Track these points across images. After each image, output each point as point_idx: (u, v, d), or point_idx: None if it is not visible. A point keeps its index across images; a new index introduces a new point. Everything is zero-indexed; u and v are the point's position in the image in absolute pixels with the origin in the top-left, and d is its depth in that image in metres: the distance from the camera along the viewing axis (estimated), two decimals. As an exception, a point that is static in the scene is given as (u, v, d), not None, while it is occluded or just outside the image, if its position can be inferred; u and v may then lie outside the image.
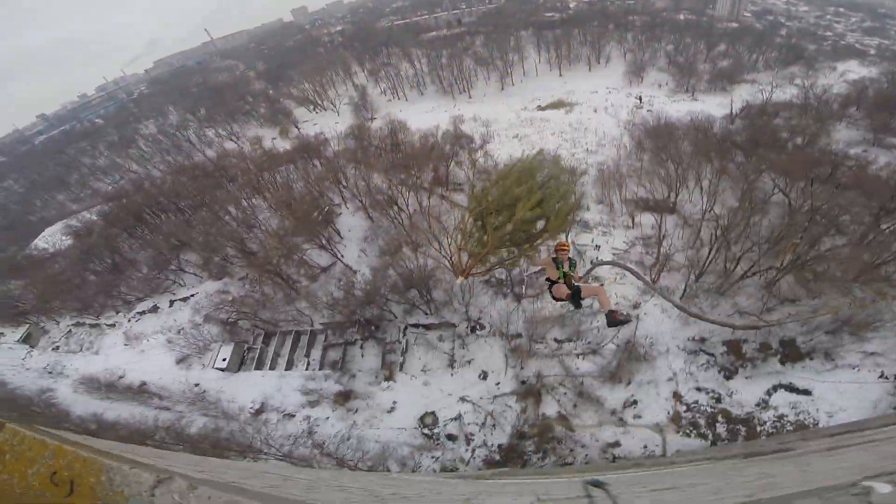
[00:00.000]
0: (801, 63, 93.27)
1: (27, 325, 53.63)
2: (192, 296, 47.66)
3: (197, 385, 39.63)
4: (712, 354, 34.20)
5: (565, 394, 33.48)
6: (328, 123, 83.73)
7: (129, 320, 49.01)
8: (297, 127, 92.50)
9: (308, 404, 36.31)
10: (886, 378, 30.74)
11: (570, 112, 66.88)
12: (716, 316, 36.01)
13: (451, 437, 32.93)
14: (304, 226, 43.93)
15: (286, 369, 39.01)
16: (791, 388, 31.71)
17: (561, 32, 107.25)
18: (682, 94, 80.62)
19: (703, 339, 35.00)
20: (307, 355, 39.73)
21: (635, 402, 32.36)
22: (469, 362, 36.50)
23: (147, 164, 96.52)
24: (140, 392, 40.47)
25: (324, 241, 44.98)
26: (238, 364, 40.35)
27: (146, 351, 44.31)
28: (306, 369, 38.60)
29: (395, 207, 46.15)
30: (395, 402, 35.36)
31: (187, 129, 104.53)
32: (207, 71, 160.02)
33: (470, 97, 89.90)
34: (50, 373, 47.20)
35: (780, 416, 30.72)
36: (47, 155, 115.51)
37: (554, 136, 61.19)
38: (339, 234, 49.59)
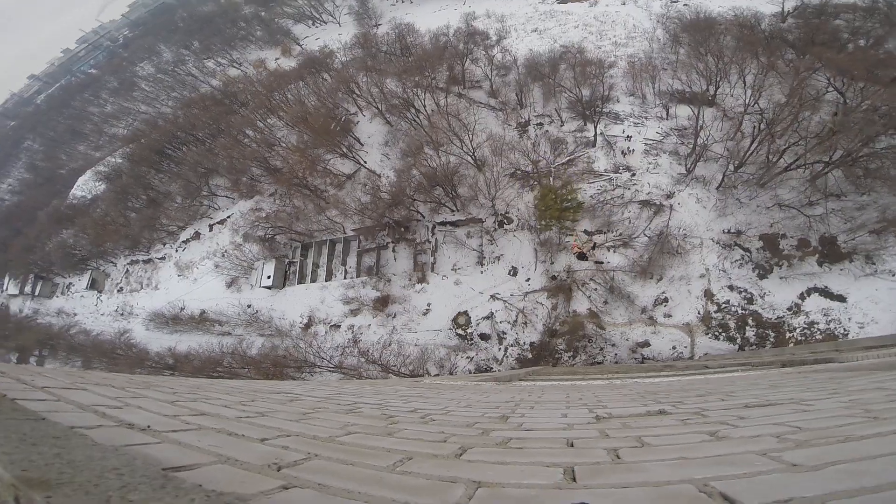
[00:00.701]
0: None
1: (89, 271, 57.02)
2: (228, 217, 49.49)
3: (249, 306, 41.87)
4: (748, 250, 32.91)
5: (596, 289, 33.21)
6: (331, 36, 78.74)
7: (177, 250, 51.73)
8: (298, 44, 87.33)
9: (350, 313, 37.75)
10: None
11: (595, 5, 59.87)
12: (754, 206, 34.51)
13: (483, 337, 33.65)
14: (323, 137, 43.44)
15: (326, 280, 40.25)
16: (826, 293, 30.47)
17: None
18: (726, -14, 70.33)
19: (739, 233, 33.54)
20: (343, 263, 40.72)
21: (666, 301, 31.95)
22: (498, 258, 36.25)
23: (155, 104, 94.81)
24: (202, 321, 43.51)
25: (345, 150, 44.69)
26: (282, 280, 41.94)
27: (198, 279, 47.00)
28: (345, 278, 39.68)
29: (413, 110, 44.54)
30: (429, 304, 36.06)
31: (185, 63, 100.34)
32: (190, 4, 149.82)
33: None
34: (122, 314, 51.15)
35: (811, 324, 29.91)
36: (54, 111, 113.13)
37: (577, 30, 55.57)
38: (359, 141, 48.80)
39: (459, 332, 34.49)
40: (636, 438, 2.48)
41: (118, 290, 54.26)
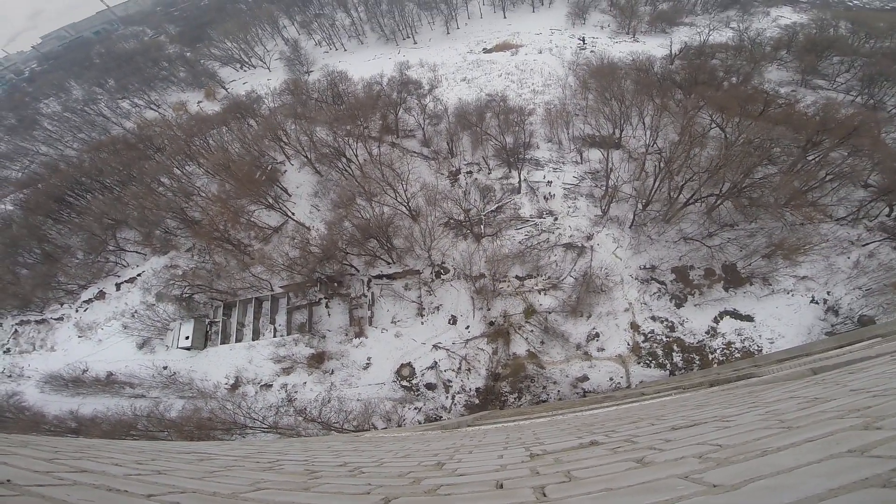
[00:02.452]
0: (737, 7, 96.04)
1: (-32, 332, 48.32)
2: (139, 275, 44.93)
3: (166, 368, 38.44)
4: (663, 283, 36.18)
5: (532, 331, 34.45)
6: (260, 81, 77.53)
7: (77, 310, 45.64)
8: (224, 87, 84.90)
9: (282, 372, 35.77)
10: (816, 302, 33.85)
11: (516, 54, 65.45)
12: (663, 242, 38.12)
13: (429, 387, 33.40)
14: (247, 187, 41.50)
15: (253, 339, 38.12)
16: (736, 315, 34.15)
17: None
18: (624, 36, 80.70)
19: (653, 268, 36.85)
20: (272, 322, 38.67)
21: (598, 336, 33.88)
22: (437, 308, 36.65)
23: (57, 145, 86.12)
24: (109, 383, 38.88)
25: (271, 201, 42.95)
26: (203, 340, 39.02)
27: (103, 340, 42.13)
28: (274, 336, 37.77)
29: (344, 159, 44.24)
30: (369, 358, 35.23)
31: (97, 102, 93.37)
32: (110, 40, 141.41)
33: (415, 43, 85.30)
34: (10, 376, 44.07)
35: (729, 344, 33.05)
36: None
37: (501, 78, 59.90)
38: (286, 191, 47.30)
39: (404, 383, 33.93)
40: (565, 473, 2.52)
41: (4, 352, 47.08)
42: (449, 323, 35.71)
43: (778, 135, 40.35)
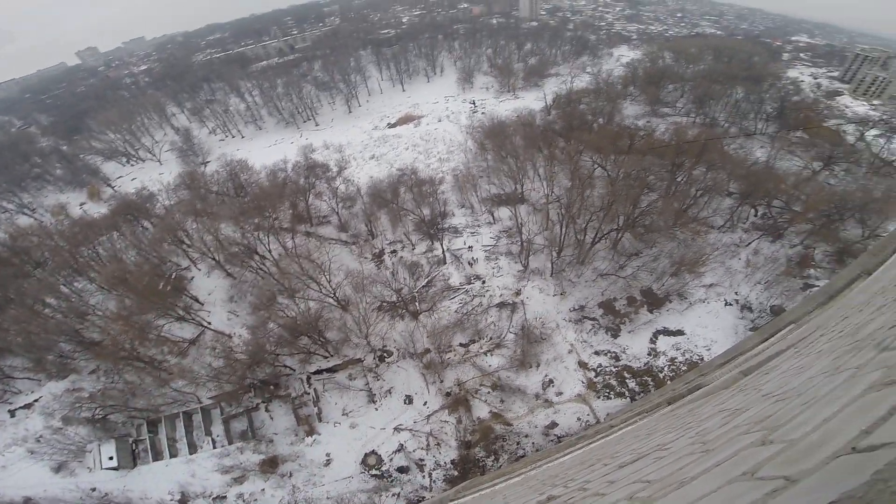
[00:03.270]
0: (588, 52, 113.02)
1: None
2: (36, 401, 39.18)
3: (94, 489, 34.42)
4: (594, 319, 38.36)
5: (489, 392, 34.36)
6: (151, 175, 72.19)
7: None
8: (110, 185, 77.33)
9: (234, 482, 32.69)
10: (730, 304, 38.07)
11: (419, 125, 69.25)
12: (583, 283, 40.92)
13: (402, 470, 31.81)
14: (150, 300, 37.76)
15: (190, 453, 34.92)
16: (668, 332, 36.95)
17: (398, 48, 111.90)
18: (506, 94, 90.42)
19: (582, 307, 39.09)
20: (208, 433, 35.50)
21: (552, 381, 34.52)
22: (389, 391, 35.40)
23: None
24: None
25: (181, 312, 39.22)
26: (131, 459, 35.56)
27: (7, 466, 36.46)
28: (214, 448, 34.80)
29: (257, 256, 41.66)
30: (328, 454, 32.98)
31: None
32: None
33: (317, 125, 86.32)
34: None
35: (672, 360, 35.28)
36: None
37: (408, 151, 62.44)
38: (196, 300, 43.16)
39: (374, 472, 31.87)
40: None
41: None
42: (405, 403, 34.72)
43: (648, 164, 46.36)
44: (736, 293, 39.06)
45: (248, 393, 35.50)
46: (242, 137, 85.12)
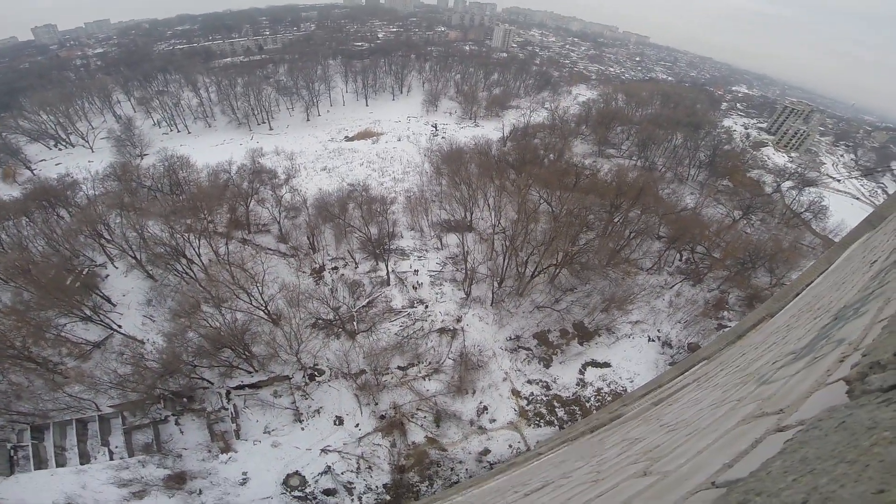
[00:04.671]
0: (549, 88, 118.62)
1: None
2: None
3: None
4: (529, 349, 39.32)
5: (425, 417, 33.92)
6: (79, 162, 66.27)
7: None
8: (29, 168, 70.05)
9: (133, 496, 29.82)
10: (653, 340, 40.80)
11: (377, 142, 68.89)
12: (521, 314, 41.92)
13: (328, 492, 30.30)
14: (54, 296, 34.30)
15: (82, 463, 31.75)
16: (596, 364, 38.78)
17: (369, 62, 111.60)
18: (468, 121, 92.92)
19: (518, 337, 40.01)
20: (105, 444, 32.58)
21: (486, 408, 34.73)
22: (318, 411, 33.73)
23: None
24: None
25: (88, 312, 35.87)
26: (8, 466, 31.73)
27: None
28: (111, 459, 31.97)
29: (185, 260, 38.86)
30: (245, 473, 30.93)
31: None
32: None
33: (271, 129, 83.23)
34: None
35: (598, 390, 36.94)
36: None
37: (363, 167, 61.76)
38: (108, 300, 39.55)
39: (296, 493, 30.12)
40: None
41: None
42: (335, 424, 33.28)
43: (590, 203, 49.05)
44: (658, 330, 41.90)
45: (157, 404, 32.97)
46: (189, 133, 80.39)
